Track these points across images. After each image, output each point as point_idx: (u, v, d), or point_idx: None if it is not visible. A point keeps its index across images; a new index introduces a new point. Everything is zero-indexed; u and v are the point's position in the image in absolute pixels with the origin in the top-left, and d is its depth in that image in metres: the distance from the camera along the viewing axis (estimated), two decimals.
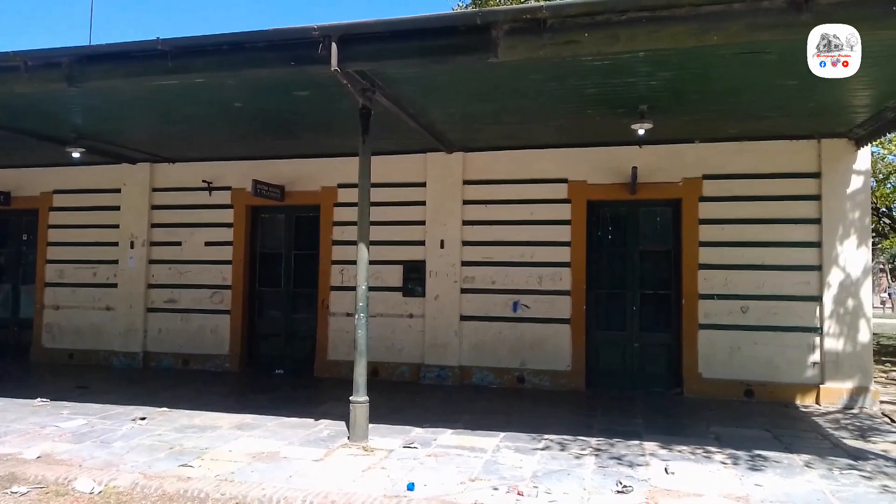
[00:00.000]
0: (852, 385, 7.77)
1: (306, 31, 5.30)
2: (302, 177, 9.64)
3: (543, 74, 6.11)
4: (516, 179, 8.90)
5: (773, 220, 8.16)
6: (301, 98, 6.89)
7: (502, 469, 5.07)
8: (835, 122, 7.53)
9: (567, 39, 4.98)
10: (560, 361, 8.63)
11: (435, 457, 5.39)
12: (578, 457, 5.42)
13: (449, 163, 9.02)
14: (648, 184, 8.42)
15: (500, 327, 8.83)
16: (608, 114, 7.19)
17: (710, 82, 6.34)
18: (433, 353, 8.91)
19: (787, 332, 8.05)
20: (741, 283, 8.20)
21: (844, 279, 7.89)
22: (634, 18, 4.85)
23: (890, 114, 6.88)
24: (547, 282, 8.76)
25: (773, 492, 4.63)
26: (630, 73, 5.99)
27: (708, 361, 8.24)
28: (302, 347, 9.66)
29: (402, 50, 5.37)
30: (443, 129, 8.05)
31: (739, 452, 5.60)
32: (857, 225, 7.94)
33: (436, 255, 9.00)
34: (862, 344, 7.83)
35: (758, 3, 4.66)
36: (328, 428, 6.27)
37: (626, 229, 8.96)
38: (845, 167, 7.97)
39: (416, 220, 9.14)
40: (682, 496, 4.53)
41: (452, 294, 8.92)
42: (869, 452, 5.73)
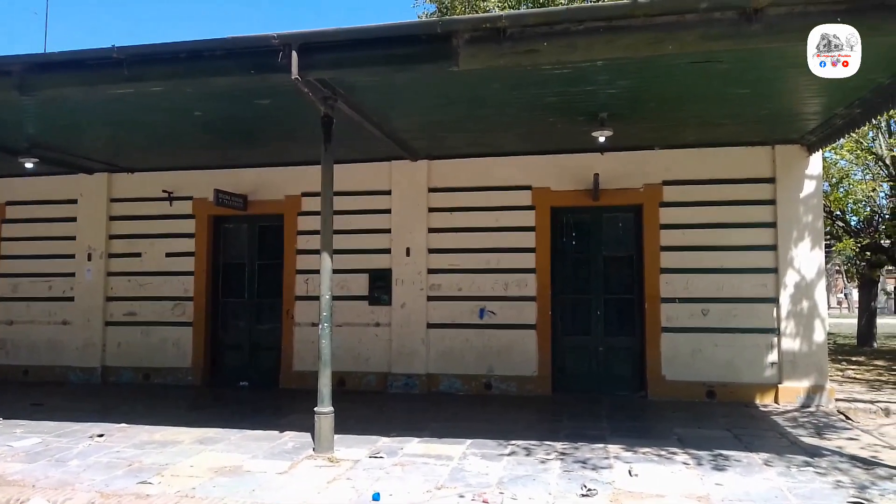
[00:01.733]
0: (809, 384, 7.98)
1: (266, 40, 5.26)
2: (265, 186, 9.54)
3: (505, 83, 6.17)
4: (481, 187, 8.95)
5: (730, 225, 8.35)
6: (262, 106, 6.83)
7: (468, 476, 5.07)
8: (787, 129, 7.76)
9: (527, 48, 5.05)
10: (527, 367, 8.68)
11: (401, 466, 5.36)
12: (544, 461, 5.45)
13: (414, 171, 9.03)
14: (610, 190, 8.55)
15: (467, 334, 8.84)
16: (569, 121, 7.29)
17: (667, 90, 6.48)
18: (400, 362, 8.88)
19: (746, 334, 8.24)
20: (701, 286, 8.37)
21: (800, 281, 8.12)
22: (592, 28, 4.94)
23: (839, 121, 7.13)
24: (513, 288, 8.82)
25: (733, 490, 4.73)
26: (589, 82, 6.10)
27: (671, 364, 8.38)
28: (267, 359, 9.52)
29: (363, 58, 5.37)
30: (407, 136, 8.06)
31: (701, 453, 5.70)
32: (811, 228, 8.19)
33: (402, 263, 8.99)
34: (817, 343, 8.06)
35: (710, 14, 4.79)
36: (293, 440, 6.19)
37: (589, 235, 9.08)
38: (798, 172, 8.22)
39: (381, 229, 9.11)
40: (645, 497, 4.59)
41: (419, 302, 8.91)
42: (824, 449, 5.90)
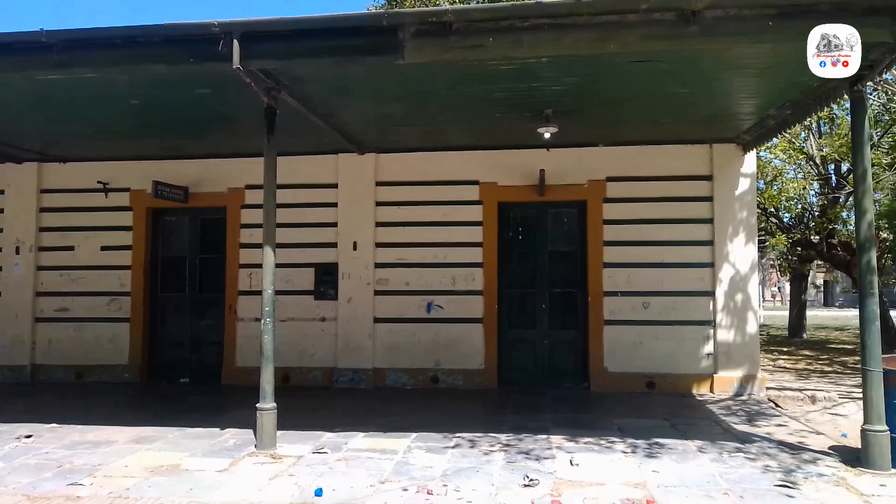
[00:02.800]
0: (742, 373, 8.31)
1: (206, 27, 5.11)
2: (207, 178, 9.28)
3: (452, 77, 6.18)
4: (429, 181, 8.94)
5: (671, 221, 8.60)
6: (204, 96, 6.65)
7: (413, 469, 5.08)
8: (724, 129, 8.03)
9: (473, 43, 5.07)
10: (473, 360, 8.74)
11: (345, 461, 5.33)
12: (488, 453, 5.51)
13: (361, 164, 8.95)
14: (556, 186, 8.68)
15: (415, 328, 8.84)
16: (516, 117, 7.35)
17: (610, 89, 6.61)
18: (346, 357, 8.81)
19: (685, 326, 8.51)
20: (643, 280, 8.60)
21: (734, 275, 8.44)
22: (537, 25, 5.00)
23: (771, 121, 7.43)
24: (460, 282, 8.86)
25: (669, 477, 4.89)
26: (535, 78, 6.16)
27: (613, 356, 8.58)
28: (209, 354, 9.29)
29: (307, 49, 5.28)
30: (354, 129, 7.98)
31: (640, 441, 5.87)
32: (745, 224, 8.51)
33: (349, 257, 8.91)
34: (750, 335, 8.40)
35: (650, 15, 4.91)
36: (234, 437, 6.07)
37: (535, 230, 9.20)
38: (734, 170, 8.52)
39: (328, 222, 9.00)
40: (585, 486, 4.70)
41: (366, 296, 8.86)
42: (755, 436, 6.16)
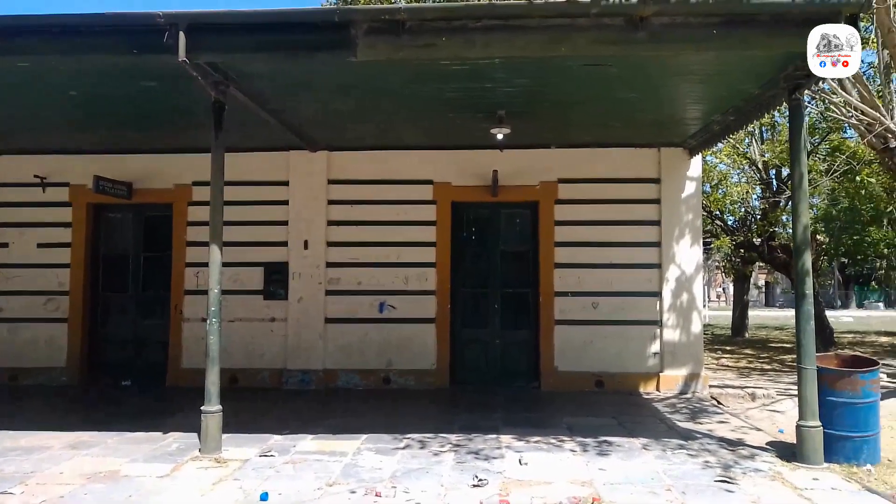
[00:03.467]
0: (687, 372, 8.54)
1: (150, 18, 4.97)
2: (153, 173, 9.00)
3: (405, 76, 6.15)
4: (382, 180, 8.88)
5: (620, 222, 8.76)
6: (149, 89, 6.43)
7: (362, 472, 5.03)
8: (671, 133, 8.24)
9: (426, 42, 5.07)
10: (425, 360, 8.73)
11: (293, 464, 5.23)
12: (437, 454, 5.51)
13: (313, 162, 8.83)
14: (509, 187, 8.74)
15: (367, 329, 8.77)
16: (469, 118, 7.38)
17: (561, 91, 6.70)
18: (296, 358, 8.68)
19: (633, 326, 8.69)
20: (593, 280, 8.73)
21: (680, 276, 8.67)
22: (489, 26, 5.03)
23: (716, 126, 7.66)
24: (413, 282, 8.83)
25: (615, 474, 4.98)
26: (488, 79, 6.18)
27: (563, 355, 8.69)
28: (153, 356, 9.00)
29: (257, 44, 5.20)
30: (306, 127, 7.86)
31: (588, 440, 5.96)
32: (691, 226, 8.75)
33: (299, 256, 8.77)
34: (694, 334, 8.63)
35: (600, 20, 5.01)
36: (178, 441, 5.89)
37: (488, 230, 9.25)
38: (681, 174, 8.75)
39: (278, 221, 8.85)
40: (533, 485, 4.74)
41: (317, 296, 8.74)
42: (697, 433, 6.33)
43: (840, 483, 4.86)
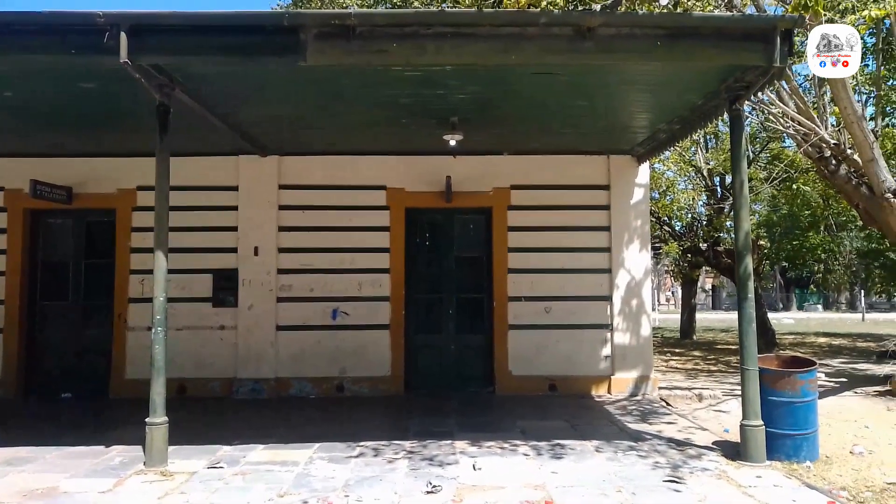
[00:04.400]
0: (637, 374, 8.72)
1: (90, 17, 4.81)
2: (95, 177, 8.69)
3: (357, 81, 6.11)
4: (335, 185, 8.80)
5: (571, 228, 8.90)
6: (90, 90, 6.21)
7: (314, 481, 4.95)
8: (620, 141, 8.42)
9: (377, 48, 5.06)
10: (379, 367, 8.66)
11: (243, 475, 5.12)
12: (392, 461, 5.47)
13: (263, 166, 8.68)
14: (462, 193, 8.78)
15: (319, 336, 8.65)
16: (422, 123, 7.38)
17: (513, 99, 6.77)
18: (247, 366, 8.49)
19: (584, 330, 8.82)
20: (545, 285, 8.83)
21: (630, 280, 8.85)
22: (441, 33, 5.05)
23: (662, 135, 7.87)
24: (367, 288, 8.77)
25: (567, 477, 5.04)
26: (440, 86, 6.20)
27: (517, 360, 8.76)
28: (95, 366, 8.65)
29: (203, 46, 5.09)
30: (255, 131, 7.73)
31: (541, 443, 6.01)
32: (640, 232, 8.96)
33: (249, 262, 8.60)
34: (644, 337, 8.83)
35: (549, 29, 5.08)
36: (121, 454, 5.69)
37: (442, 236, 9.27)
38: (629, 181, 8.95)
39: (227, 226, 8.66)
40: (487, 490, 4.76)
41: (268, 303, 8.58)
42: (647, 434, 6.47)
43: (781, 480, 5.03)
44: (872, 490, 4.87)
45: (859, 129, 8.26)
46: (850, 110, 8.12)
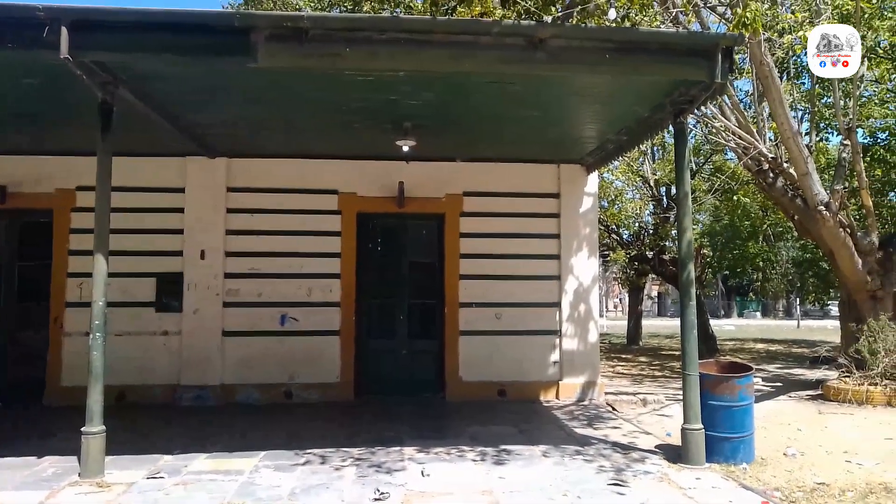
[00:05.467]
0: (584, 380, 8.87)
1: (29, 11, 4.64)
2: (31, 177, 8.33)
3: (309, 84, 6.07)
4: (285, 189, 8.67)
5: (522, 235, 9.00)
6: (29, 86, 5.96)
7: (259, 490, 4.85)
8: (570, 150, 8.58)
9: (329, 52, 5.02)
10: (329, 373, 8.56)
11: (184, 485, 4.97)
12: (339, 469, 5.41)
13: (211, 168, 8.49)
14: (415, 198, 8.79)
15: (267, 342, 8.50)
16: (375, 128, 7.36)
17: (467, 106, 6.82)
18: (191, 373, 8.26)
19: (534, 336, 8.92)
20: (496, 292, 8.90)
21: (578, 287, 9.02)
22: (394, 39, 5.06)
23: (611, 145, 8.05)
24: (317, 293, 8.66)
25: (514, 482, 5.08)
26: (393, 91, 6.19)
27: (468, 365, 8.80)
28: (28, 373, 8.25)
29: (149, 44, 4.95)
30: (203, 132, 7.55)
31: (489, 449, 6.05)
32: (588, 240, 9.13)
33: (195, 266, 8.39)
34: (591, 343, 8.99)
35: (502, 39, 5.15)
36: (55, 465, 5.45)
37: (395, 241, 9.25)
38: (579, 189, 9.12)
39: (172, 229, 8.43)
40: (435, 496, 4.76)
41: (214, 308, 8.38)
42: (593, 438, 6.59)
43: (719, 481, 5.20)
44: (804, 490, 5.09)
45: (795, 144, 8.66)
46: (786, 126, 8.52)
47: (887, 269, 9.33)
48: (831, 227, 9.04)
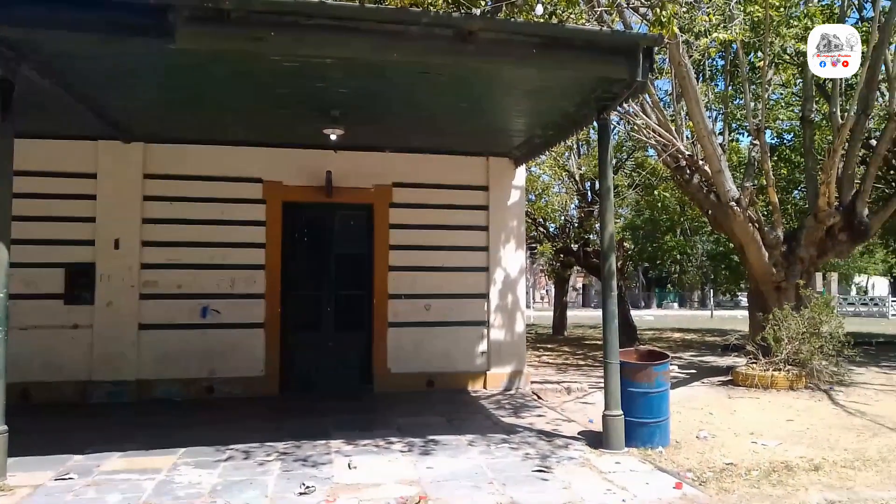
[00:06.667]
0: (511, 369, 9.04)
1: None
2: None
3: (232, 68, 5.88)
4: (207, 176, 8.35)
5: (451, 227, 9.05)
6: None
7: (178, 489, 4.68)
8: (498, 143, 8.68)
9: (253, 35, 4.87)
10: (253, 367, 8.35)
11: (96, 486, 4.73)
12: (263, 464, 5.29)
13: (127, 153, 8.07)
14: (343, 188, 8.66)
15: (188, 335, 8.18)
16: (302, 116, 7.20)
17: (397, 96, 6.76)
18: (104, 368, 7.85)
19: (462, 327, 9.01)
20: (425, 283, 8.92)
21: (505, 278, 9.16)
22: (322, 25, 4.96)
23: (537, 139, 8.20)
24: (240, 285, 8.41)
25: (441, 471, 5.13)
26: (321, 79, 6.07)
27: (396, 357, 8.78)
28: None
29: (55, 20, 4.65)
30: (118, 115, 7.17)
31: (417, 440, 6.07)
32: (516, 232, 9.29)
33: (109, 256, 7.96)
34: (518, 334, 9.17)
35: (431, 30, 5.14)
36: None
37: (322, 232, 9.07)
38: (507, 182, 9.25)
39: (83, 217, 7.96)
40: (362, 488, 4.73)
41: (129, 300, 8.00)
42: (518, 427, 6.73)
43: (637, 465, 5.43)
44: (714, 470, 5.37)
45: (709, 143, 9.10)
46: (702, 125, 8.93)
47: (790, 261, 9.96)
48: (741, 222, 9.57)
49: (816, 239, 9.94)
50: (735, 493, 4.82)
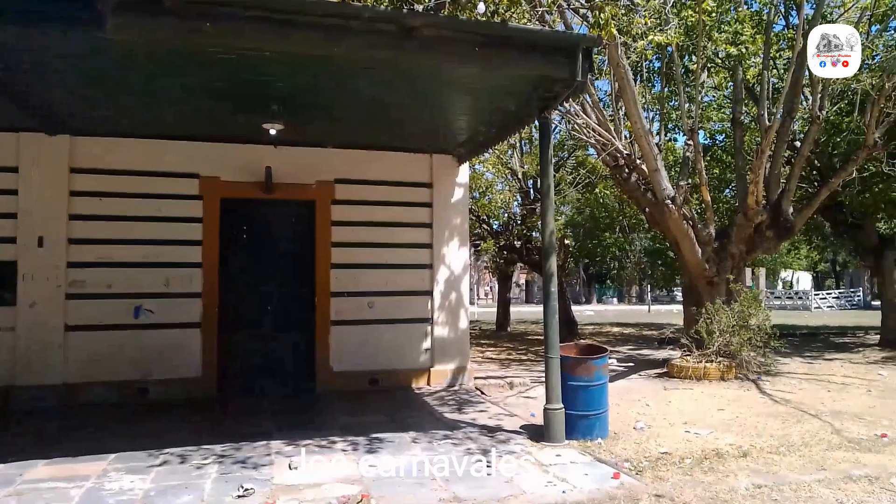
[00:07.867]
0: (455, 366, 9.08)
1: None
2: None
3: (166, 60, 5.65)
4: (140, 171, 8.02)
5: (395, 224, 9.00)
6: None
7: (108, 496, 4.49)
8: (442, 141, 8.68)
9: (188, 27, 4.71)
10: (190, 368, 8.09)
11: (18, 496, 4.49)
12: (200, 467, 5.14)
13: (51, 147, 7.66)
14: (284, 184, 8.48)
15: (119, 336, 7.85)
16: (240, 110, 6.99)
17: (339, 92, 6.67)
18: (28, 373, 7.45)
19: (406, 324, 8.98)
20: (369, 281, 8.85)
21: (449, 276, 9.19)
22: (262, 17, 4.84)
23: (481, 137, 8.26)
24: (176, 284, 8.13)
25: (385, 469, 5.10)
26: (261, 73, 5.93)
27: (339, 356, 8.68)
28: None
29: None
30: (41, 106, 6.81)
31: (360, 439, 6.02)
32: (459, 230, 9.32)
33: (32, 254, 7.55)
34: (461, 330, 9.21)
35: (374, 25, 5.09)
36: None
37: (262, 229, 8.86)
38: (450, 180, 9.26)
39: (4, 213, 7.54)
40: (303, 489, 4.66)
41: (55, 301, 7.61)
42: (461, 422, 6.77)
43: (577, 457, 5.55)
44: (650, 460, 5.55)
45: (646, 143, 9.38)
46: (639, 125, 9.19)
47: (722, 257, 10.39)
48: (676, 219, 9.91)
49: (746, 236, 10.39)
50: (669, 480, 4.99)
